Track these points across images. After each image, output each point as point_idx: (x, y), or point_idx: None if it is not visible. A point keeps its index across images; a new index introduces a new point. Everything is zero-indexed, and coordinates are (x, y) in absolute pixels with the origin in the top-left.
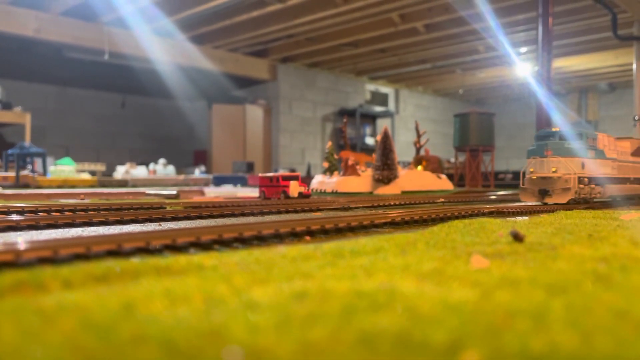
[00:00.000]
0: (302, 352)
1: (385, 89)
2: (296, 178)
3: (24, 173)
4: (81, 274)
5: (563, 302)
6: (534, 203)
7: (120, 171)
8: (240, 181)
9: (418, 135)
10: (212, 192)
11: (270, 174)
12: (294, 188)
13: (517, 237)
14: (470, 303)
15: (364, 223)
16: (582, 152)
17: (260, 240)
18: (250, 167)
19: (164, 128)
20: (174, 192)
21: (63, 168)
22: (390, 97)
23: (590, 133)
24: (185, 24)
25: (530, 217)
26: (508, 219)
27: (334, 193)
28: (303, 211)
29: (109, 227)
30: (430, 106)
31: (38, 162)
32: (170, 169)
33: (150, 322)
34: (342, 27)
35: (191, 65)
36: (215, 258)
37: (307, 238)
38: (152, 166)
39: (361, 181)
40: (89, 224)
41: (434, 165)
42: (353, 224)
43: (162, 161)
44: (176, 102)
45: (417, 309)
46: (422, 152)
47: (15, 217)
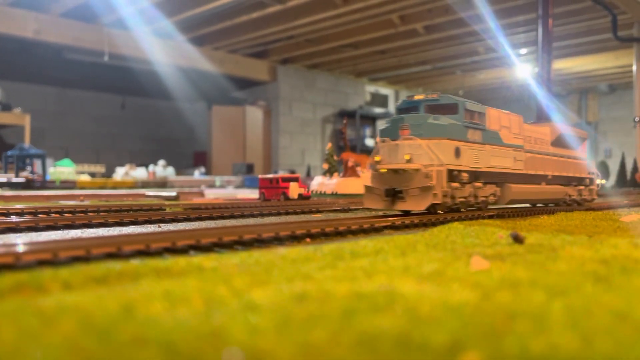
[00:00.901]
0: (302, 354)
1: (385, 90)
2: (296, 179)
3: (24, 174)
4: (81, 276)
5: (563, 304)
6: (381, 211)
7: (119, 172)
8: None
9: None
10: (212, 194)
11: (270, 176)
12: (294, 189)
13: (518, 239)
14: (470, 304)
15: (364, 226)
16: (457, 132)
17: (260, 242)
18: (250, 169)
19: (164, 129)
20: (174, 194)
21: (62, 169)
22: (390, 99)
23: (471, 103)
24: (185, 25)
25: (530, 219)
26: (508, 220)
27: (334, 194)
28: (303, 213)
29: (109, 229)
30: None
31: (37, 164)
32: (170, 171)
33: (150, 324)
34: (342, 29)
35: (191, 66)
36: (215, 259)
37: (307, 240)
38: (152, 167)
39: (361, 183)
40: (89, 226)
41: None
42: (353, 228)
43: (162, 162)
44: (176, 104)
45: (417, 311)
46: None
47: (15, 219)
